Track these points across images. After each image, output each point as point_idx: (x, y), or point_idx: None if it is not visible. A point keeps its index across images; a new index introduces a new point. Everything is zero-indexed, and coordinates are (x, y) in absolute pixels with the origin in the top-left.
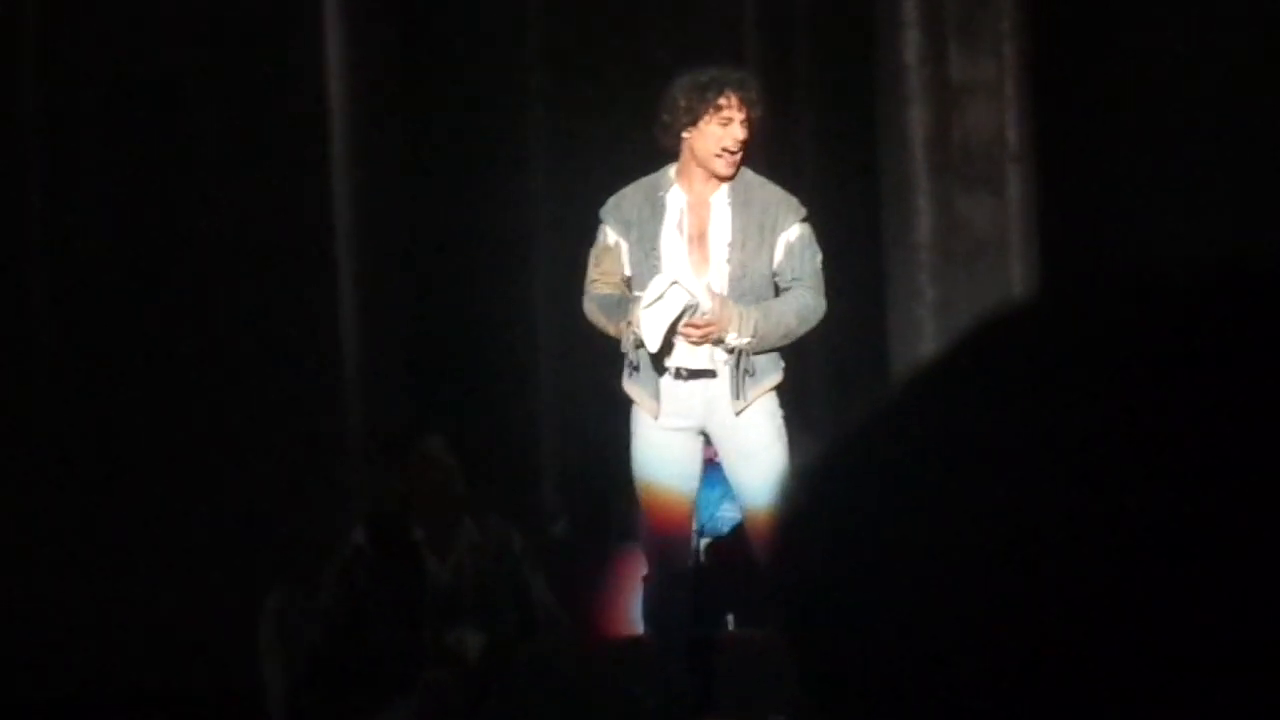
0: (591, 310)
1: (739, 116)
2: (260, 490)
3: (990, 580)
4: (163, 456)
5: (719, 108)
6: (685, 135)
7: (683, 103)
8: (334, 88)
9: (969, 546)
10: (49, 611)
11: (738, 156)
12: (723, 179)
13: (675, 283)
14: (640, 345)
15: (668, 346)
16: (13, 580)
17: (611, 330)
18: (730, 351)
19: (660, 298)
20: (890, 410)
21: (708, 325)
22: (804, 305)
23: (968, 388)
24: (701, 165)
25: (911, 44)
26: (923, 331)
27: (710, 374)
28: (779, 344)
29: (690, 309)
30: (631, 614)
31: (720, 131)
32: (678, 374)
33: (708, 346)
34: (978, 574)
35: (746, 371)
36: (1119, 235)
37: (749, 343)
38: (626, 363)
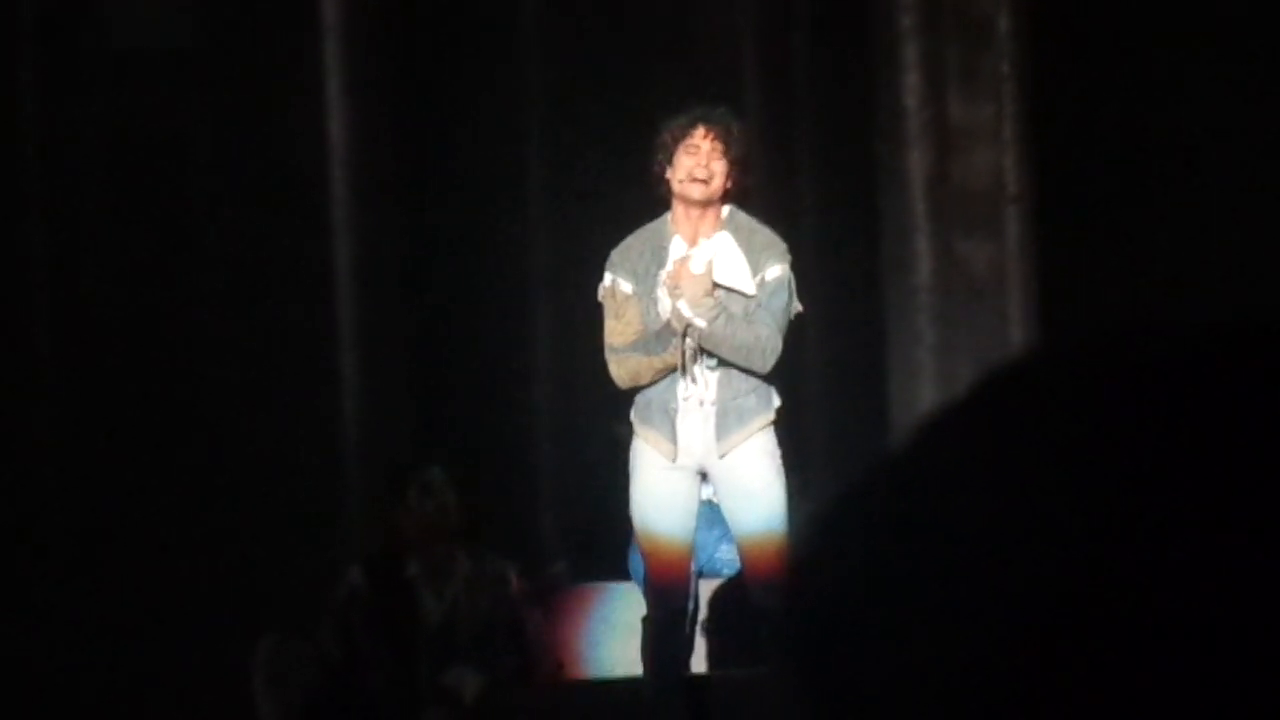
0: (625, 361)
1: (708, 147)
2: (256, 532)
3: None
4: (157, 497)
5: (690, 137)
6: (667, 175)
7: (661, 141)
8: (335, 146)
9: (977, 587)
10: (39, 659)
11: (710, 186)
12: (693, 203)
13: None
14: (702, 352)
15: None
16: (4, 628)
17: (657, 367)
18: (684, 337)
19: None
20: (896, 458)
21: (675, 271)
22: (766, 335)
23: (969, 439)
24: (680, 199)
25: (911, 87)
26: (922, 373)
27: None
28: (730, 356)
29: None
30: (629, 654)
31: (689, 161)
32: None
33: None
34: (986, 613)
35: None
36: (1118, 279)
37: (701, 329)
38: (639, 398)
